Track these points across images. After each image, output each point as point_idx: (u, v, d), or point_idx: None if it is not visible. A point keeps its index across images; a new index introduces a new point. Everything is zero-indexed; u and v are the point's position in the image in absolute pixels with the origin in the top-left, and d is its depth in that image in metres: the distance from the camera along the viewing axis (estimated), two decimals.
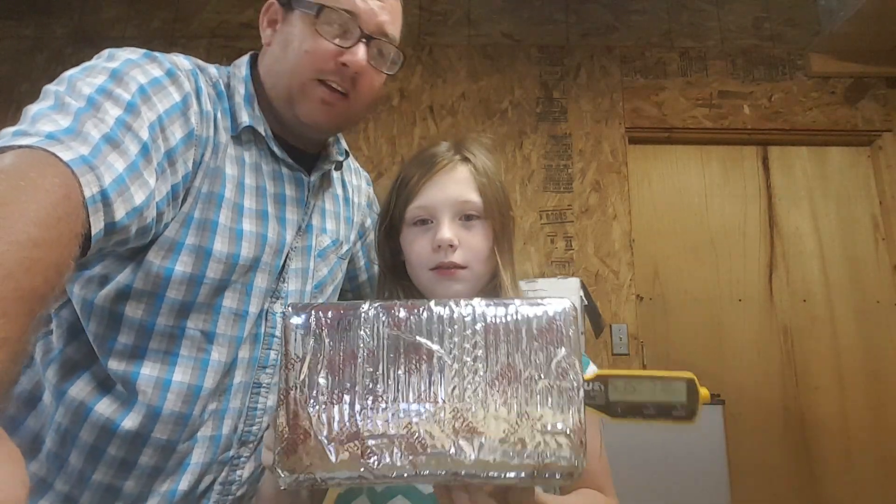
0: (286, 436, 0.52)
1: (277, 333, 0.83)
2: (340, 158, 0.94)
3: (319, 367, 0.53)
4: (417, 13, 2.76)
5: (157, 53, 0.75)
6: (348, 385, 0.53)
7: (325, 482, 0.51)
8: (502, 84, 2.68)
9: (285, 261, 0.84)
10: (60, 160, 0.53)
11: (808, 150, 2.66)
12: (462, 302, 0.55)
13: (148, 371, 0.73)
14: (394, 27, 0.84)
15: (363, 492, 0.71)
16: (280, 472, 0.52)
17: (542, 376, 0.52)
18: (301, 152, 0.87)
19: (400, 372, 0.53)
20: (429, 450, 0.51)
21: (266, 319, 0.82)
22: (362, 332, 0.54)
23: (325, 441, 0.51)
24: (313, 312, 0.55)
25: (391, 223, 0.81)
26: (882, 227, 2.57)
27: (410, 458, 0.51)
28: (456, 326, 0.54)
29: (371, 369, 0.53)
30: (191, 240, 0.74)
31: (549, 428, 0.51)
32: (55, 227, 0.48)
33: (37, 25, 2.78)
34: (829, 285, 2.52)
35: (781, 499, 2.33)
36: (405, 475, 0.51)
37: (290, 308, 0.56)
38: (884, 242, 2.56)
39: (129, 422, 0.72)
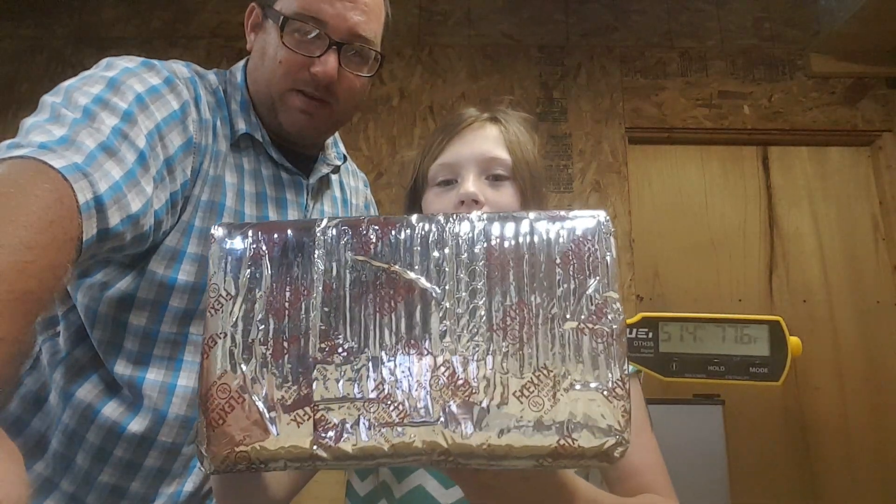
0: (211, 403, 0.38)
1: None
2: (338, 163, 0.94)
3: (257, 307, 0.40)
4: (417, 13, 2.76)
5: (155, 61, 0.75)
6: (298, 331, 0.39)
7: (265, 465, 0.38)
8: (502, 84, 2.68)
9: None
10: (52, 167, 0.53)
11: (808, 150, 2.66)
12: (455, 216, 0.41)
13: (153, 376, 0.74)
14: (369, 26, 0.79)
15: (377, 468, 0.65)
16: (203, 451, 0.38)
17: (569, 316, 0.38)
18: (298, 155, 0.87)
19: (368, 313, 0.39)
20: (409, 420, 0.37)
21: None
22: (317, 259, 0.40)
23: (265, 408, 0.38)
24: (251, 233, 0.41)
25: (415, 188, 0.74)
26: (882, 227, 2.57)
27: (383, 431, 0.37)
28: (447, 250, 0.40)
29: (329, 309, 0.39)
30: (192, 249, 0.75)
31: (577, 388, 0.37)
32: (47, 231, 0.48)
33: (37, 26, 2.78)
34: (829, 285, 2.52)
35: (781, 499, 2.33)
36: (376, 456, 0.37)
37: (219, 228, 0.42)
38: (884, 242, 2.55)
39: (136, 425, 0.73)
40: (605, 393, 0.37)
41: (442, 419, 0.37)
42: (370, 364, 0.38)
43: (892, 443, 2.36)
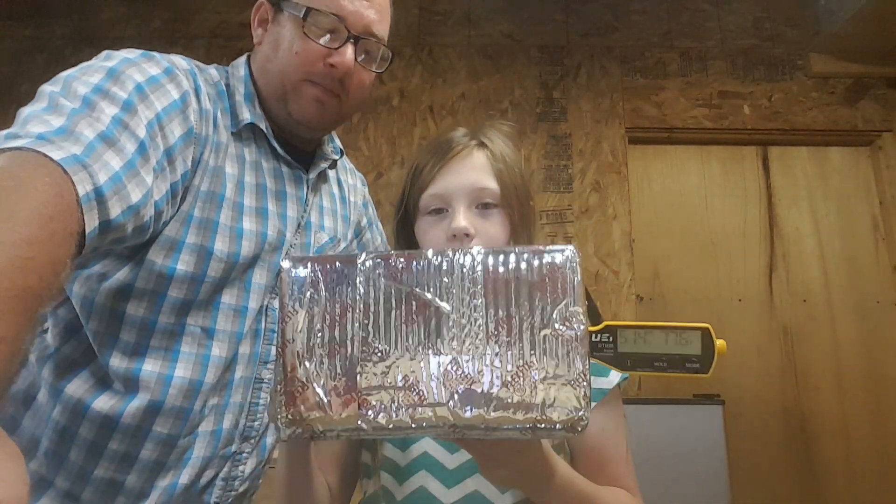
0: (285, 388, 0.52)
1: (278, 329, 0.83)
2: (335, 157, 0.95)
3: (316, 319, 0.53)
4: (417, 13, 2.76)
5: (154, 53, 0.75)
6: (345, 337, 0.52)
7: (324, 434, 0.51)
8: (502, 84, 2.68)
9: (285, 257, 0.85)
10: (51, 160, 0.52)
11: (808, 150, 2.66)
12: (461, 251, 0.54)
13: (150, 367, 0.73)
14: (381, 26, 0.83)
15: (385, 468, 0.71)
16: (280, 424, 0.52)
17: (544, 326, 0.50)
18: (297, 150, 0.88)
19: (397, 324, 0.52)
20: (426, 402, 0.50)
21: (266, 315, 0.82)
22: (359, 284, 0.53)
23: (323, 394, 0.51)
24: (310, 264, 0.54)
25: (405, 213, 0.78)
26: (882, 227, 2.57)
27: (408, 410, 0.50)
28: (454, 276, 0.53)
29: (368, 321, 0.52)
30: (192, 239, 0.75)
31: (550, 379, 0.49)
32: (47, 226, 0.48)
33: (37, 26, 2.78)
34: (829, 285, 2.52)
35: (781, 499, 2.33)
36: (403, 428, 0.50)
37: (286, 261, 0.55)
38: (884, 242, 2.56)
39: (130, 416, 0.72)
40: (572, 382, 0.49)
41: (450, 401, 0.50)
42: (398, 362, 0.51)
43: (892, 443, 2.36)
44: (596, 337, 0.53)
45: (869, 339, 2.46)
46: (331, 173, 0.96)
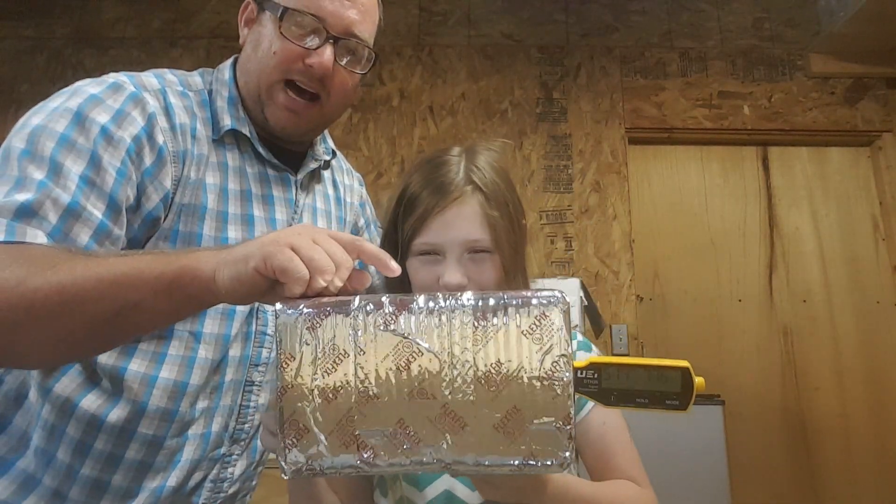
0: (286, 432, 0.54)
1: (269, 331, 0.83)
2: (326, 157, 0.93)
3: (313, 364, 0.54)
4: (417, 13, 2.76)
5: (124, 78, 0.75)
6: (341, 382, 0.54)
7: (325, 472, 0.54)
8: (502, 84, 2.68)
9: None
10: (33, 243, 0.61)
11: (808, 150, 2.66)
12: (451, 296, 0.55)
13: (136, 367, 0.74)
14: (364, 27, 0.81)
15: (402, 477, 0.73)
16: (283, 464, 0.54)
17: (532, 371, 0.52)
18: (287, 152, 0.87)
19: (390, 370, 0.54)
20: (421, 444, 0.52)
21: (257, 317, 0.82)
22: (353, 329, 0.54)
23: (323, 437, 0.53)
24: (304, 310, 0.55)
25: (396, 244, 0.77)
26: (882, 227, 2.57)
27: (404, 451, 0.53)
28: (444, 323, 0.54)
29: (362, 366, 0.54)
30: None
31: (537, 422, 0.52)
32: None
33: (37, 26, 2.78)
34: (829, 285, 2.52)
35: (781, 498, 2.33)
36: (400, 466, 0.53)
37: (281, 306, 0.56)
38: (884, 242, 2.56)
39: (115, 416, 0.72)
40: (558, 425, 0.52)
41: (443, 443, 0.52)
42: (392, 406, 0.53)
43: (892, 443, 2.36)
44: (581, 373, 0.55)
45: (869, 339, 2.47)
46: (325, 174, 0.95)
